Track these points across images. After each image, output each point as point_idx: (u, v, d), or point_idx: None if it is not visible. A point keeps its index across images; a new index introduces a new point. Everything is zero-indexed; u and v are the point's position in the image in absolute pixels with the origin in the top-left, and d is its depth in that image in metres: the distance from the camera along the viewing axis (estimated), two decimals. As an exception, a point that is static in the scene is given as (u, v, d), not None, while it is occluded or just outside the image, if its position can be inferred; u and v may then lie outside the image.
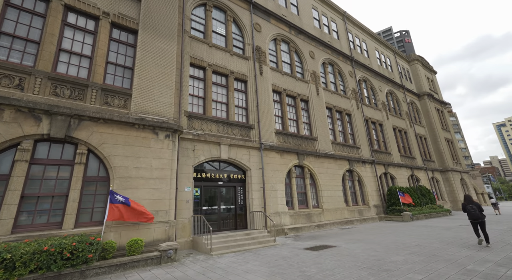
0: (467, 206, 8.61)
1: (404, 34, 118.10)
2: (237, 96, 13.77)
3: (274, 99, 15.69)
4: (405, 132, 27.24)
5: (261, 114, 14.09)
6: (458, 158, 33.30)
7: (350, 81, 22.25)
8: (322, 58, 20.32)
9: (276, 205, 12.89)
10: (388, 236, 10.96)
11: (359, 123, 21.03)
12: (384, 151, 22.44)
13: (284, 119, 15.59)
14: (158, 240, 7.71)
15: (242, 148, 12.48)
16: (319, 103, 18.20)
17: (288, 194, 14.20)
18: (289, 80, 16.85)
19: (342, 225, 15.50)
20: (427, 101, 32.40)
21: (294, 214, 13.53)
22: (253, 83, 14.41)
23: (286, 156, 14.45)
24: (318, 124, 17.37)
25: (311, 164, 15.60)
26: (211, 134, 11.59)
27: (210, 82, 12.58)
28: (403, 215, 17.78)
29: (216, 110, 12.61)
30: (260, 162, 12.96)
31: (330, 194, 15.93)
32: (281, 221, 12.77)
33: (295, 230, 12.97)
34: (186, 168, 10.26)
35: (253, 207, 11.95)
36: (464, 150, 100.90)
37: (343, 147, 18.67)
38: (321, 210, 15.06)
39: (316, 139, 16.75)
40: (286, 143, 14.89)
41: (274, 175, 13.42)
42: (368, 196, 18.66)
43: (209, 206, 11.00)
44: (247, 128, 13.22)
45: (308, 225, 13.69)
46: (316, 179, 15.69)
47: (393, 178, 22.36)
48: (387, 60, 30.24)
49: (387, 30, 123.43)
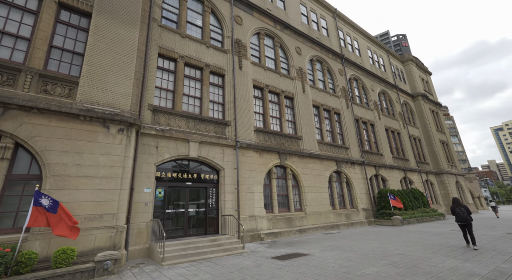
0: (456, 208, 8.79)
1: (401, 38, 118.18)
2: (212, 91, 12.86)
3: (255, 95, 14.79)
4: (398, 133, 26.38)
5: (239, 110, 13.17)
6: (454, 160, 32.47)
7: (340, 79, 21.41)
8: (309, 55, 19.49)
9: (252, 208, 11.91)
10: (371, 243, 9.99)
11: (348, 122, 20.16)
12: (375, 152, 21.54)
13: (265, 117, 14.67)
14: (100, 249, 6.71)
15: (215, 146, 11.53)
16: (305, 101, 17.32)
17: (267, 197, 13.23)
18: (272, 76, 15.97)
19: (327, 229, 14.52)
20: (421, 102, 31.62)
21: (273, 218, 12.55)
22: (231, 78, 13.52)
23: (266, 155, 13.50)
24: (303, 123, 16.47)
25: (294, 164, 14.66)
26: (179, 130, 10.64)
27: (182, 75, 11.67)
28: (393, 219, 16.82)
29: (188, 104, 11.68)
30: (235, 161, 12.00)
31: (314, 197, 14.97)
32: (258, 226, 11.78)
33: (273, 235, 11.98)
34: (147, 166, 9.29)
35: (225, 210, 10.97)
36: (462, 154, 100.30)
37: (331, 147, 17.76)
38: (304, 213, 14.09)
39: (300, 138, 15.83)
40: (267, 141, 13.96)
41: (252, 176, 12.46)
42: (357, 199, 17.70)
43: (175, 209, 10.01)
44: (222, 125, 12.29)
45: (289, 230, 12.71)
46: (300, 181, 14.73)
47: (384, 180, 21.44)
48: (380, 60, 29.51)
49: (384, 34, 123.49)
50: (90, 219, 6.78)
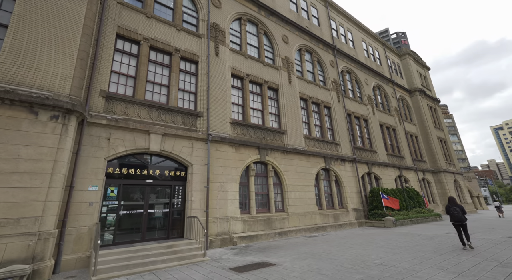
0: (451, 208, 8.69)
1: (401, 36, 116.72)
2: (183, 79, 11.60)
3: (234, 85, 13.53)
4: (394, 129, 25.14)
5: (213, 100, 11.92)
6: (452, 158, 31.26)
7: (331, 71, 20.14)
8: (298, 44, 18.20)
9: (224, 209, 10.68)
10: (353, 248, 8.77)
11: (339, 117, 18.91)
12: (368, 149, 20.30)
13: (245, 108, 13.42)
14: (11, 261, 5.47)
15: (182, 139, 10.28)
16: (291, 93, 16.05)
17: (244, 196, 12.01)
18: (254, 65, 14.70)
19: (311, 232, 13.31)
20: (419, 97, 30.36)
21: (249, 220, 11.33)
22: (206, 65, 12.25)
23: (244, 150, 12.26)
24: (288, 116, 15.21)
25: (276, 160, 13.42)
26: (139, 120, 9.38)
27: (146, 59, 10.40)
28: (385, 220, 15.61)
29: (153, 93, 10.42)
30: (206, 156, 10.76)
31: (298, 196, 13.75)
32: (230, 228, 10.56)
33: (248, 239, 10.76)
34: (95, 161, 8.04)
35: (191, 211, 9.74)
36: (461, 153, 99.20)
37: (319, 142, 16.52)
38: (286, 214, 12.87)
39: (285, 133, 14.58)
40: (245, 135, 12.72)
41: (225, 173, 11.22)
42: (347, 199, 16.49)
43: (130, 210, 8.77)
44: (192, 116, 11.04)
45: (267, 233, 11.49)
46: (282, 178, 13.50)
47: (378, 178, 20.21)
48: (376, 53, 28.21)
49: (384, 32, 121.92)
50: (0, 225, 5.53)
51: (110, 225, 8.16)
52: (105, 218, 8.14)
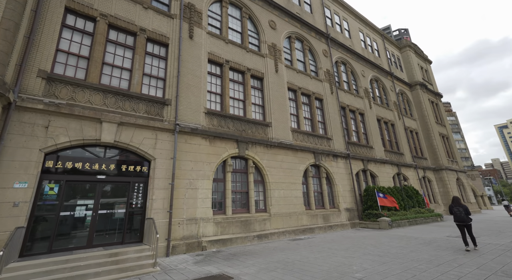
0: (454, 208, 8.39)
1: (403, 32, 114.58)
2: (150, 62, 10.32)
3: (211, 71, 12.23)
4: (392, 124, 23.72)
5: (185, 87, 10.64)
6: (455, 155, 29.76)
7: (324, 61, 18.77)
8: (287, 31, 16.85)
9: (193, 209, 9.41)
10: (336, 256, 7.46)
11: (332, 110, 17.55)
12: (364, 145, 18.93)
13: (224, 98, 12.12)
14: None
15: (143, 130, 9.01)
16: (278, 82, 14.72)
17: (220, 194, 10.73)
18: (236, 51, 13.38)
19: (296, 234, 12.00)
20: (420, 91, 28.87)
21: (223, 221, 10.05)
22: (177, 48, 10.96)
23: (220, 143, 10.98)
24: (274, 107, 13.89)
25: (257, 155, 12.12)
26: (89, 107, 8.12)
27: (103, 39, 9.13)
28: (380, 221, 14.27)
29: (111, 76, 9.15)
30: (172, 149, 9.49)
31: (283, 195, 12.44)
32: (199, 231, 9.28)
33: (220, 243, 9.48)
34: (24, 153, 6.78)
35: (151, 211, 8.47)
36: (464, 151, 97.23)
37: (309, 137, 15.19)
38: (268, 215, 11.57)
39: (269, 125, 13.27)
40: (222, 127, 11.43)
41: (196, 168, 9.94)
42: (339, 198, 15.15)
43: (75, 210, 7.52)
44: (159, 104, 9.76)
45: (244, 236, 10.20)
46: (265, 175, 12.20)
47: (374, 176, 18.84)
48: (374, 44, 26.75)
49: (386, 28, 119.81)
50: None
51: (47, 229, 6.91)
52: (40, 221, 6.89)
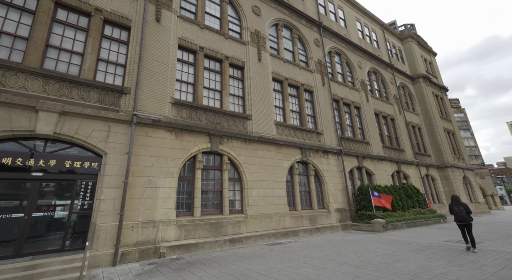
0: (454, 207, 8.26)
1: (409, 28, 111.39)
2: (107, 47, 9.27)
3: (182, 58, 11.13)
4: (392, 119, 22.25)
5: (148, 75, 9.56)
6: (461, 152, 28.02)
7: (315, 51, 17.49)
8: (273, 18, 15.64)
9: (152, 210, 8.32)
10: (307, 266, 6.26)
11: (324, 103, 16.27)
12: (359, 140, 17.59)
13: (196, 87, 11.01)
14: None
15: (93, 120, 7.96)
16: (261, 72, 13.54)
17: (188, 194, 9.63)
18: (213, 37, 12.25)
19: (277, 238, 10.82)
20: (423, 84, 27.23)
21: (189, 224, 8.93)
22: (140, 31, 9.89)
23: (188, 137, 9.87)
24: (256, 99, 12.73)
25: (234, 150, 10.98)
26: (24, 93, 7.10)
27: (47, 18, 8.11)
28: (373, 223, 12.96)
29: (57, 60, 8.13)
30: (128, 143, 8.42)
31: (263, 194, 11.27)
32: (158, 235, 8.19)
33: (184, 248, 8.37)
34: None
35: (98, 213, 7.41)
36: (474, 149, 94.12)
37: (296, 131, 13.96)
38: (244, 216, 10.42)
39: (249, 118, 12.11)
40: (193, 119, 10.32)
41: (158, 164, 8.86)
42: (329, 197, 13.89)
43: (2, 213, 6.51)
44: (115, 93, 8.71)
45: (213, 240, 9.07)
46: (242, 173, 11.05)
47: (370, 174, 17.49)
48: (373, 35, 25.27)
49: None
50: None
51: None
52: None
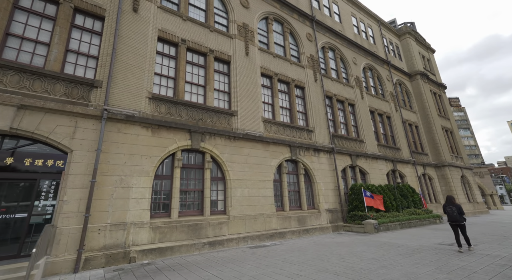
0: (447, 207, 8.27)
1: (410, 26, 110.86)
2: (78, 37, 8.70)
3: (163, 51, 10.55)
4: (388, 116, 21.68)
5: (123, 68, 8.99)
6: (459, 151, 27.45)
7: (307, 46, 16.91)
8: (263, 11, 15.05)
9: (123, 212, 7.76)
10: (280, 273, 5.70)
11: (315, 99, 15.70)
12: (353, 138, 17.03)
13: (177, 82, 10.44)
14: None
15: (57, 115, 7.40)
16: (248, 67, 12.97)
17: (165, 194, 9.07)
18: (196, 29, 11.68)
19: (262, 240, 10.26)
20: (420, 81, 26.64)
21: (164, 226, 8.38)
22: (115, 21, 9.32)
23: (167, 134, 9.31)
24: (242, 94, 12.16)
25: (217, 148, 10.41)
26: (-22, 85, 6.55)
27: (8, 4, 7.54)
28: (365, 224, 12.40)
29: (19, 50, 7.56)
30: (98, 139, 7.85)
31: (247, 194, 10.72)
32: (129, 239, 7.63)
33: (157, 252, 7.82)
34: None
35: (60, 216, 6.85)
36: (474, 148, 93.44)
37: (286, 128, 13.40)
38: (227, 217, 9.86)
39: (234, 114, 11.55)
40: (172, 115, 9.76)
41: (131, 162, 8.30)
42: (319, 197, 13.33)
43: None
44: (85, 86, 8.14)
45: (191, 243, 8.52)
46: (225, 172, 10.49)
47: (364, 173, 16.93)
48: (369, 30, 24.66)
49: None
50: None
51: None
52: None
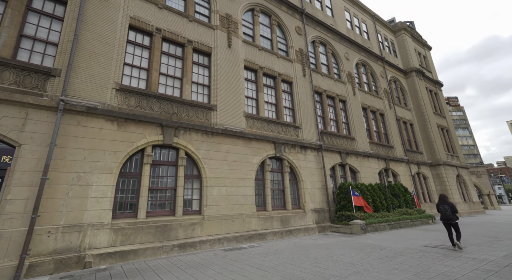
0: (440, 206, 8.26)
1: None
2: (34, 22, 8.02)
3: (135, 41, 9.88)
4: (382, 114, 21.04)
5: (86, 56, 8.32)
6: (456, 150, 26.85)
7: (296, 39, 16.25)
8: (248, 2, 14.38)
9: (79, 212, 7.09)
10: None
11: (304, 94, 15.06)
12: (344, 136, 16.39)
13: (150, 73, 9.77)
14: None
15: (3, 106, 6.72)
16: (231, 59, 12.31)
17: (133, 192, 8.41)
18: (174, 19, 11.01)
19: (240, 241, 9.61)
20: (416, 78, 26.01)
21: (128, 227, 7.71)
22: (78, 6, 8.63)
23: (135, 128, 8.64)
24: (223, 88, 11.51)
25: (192, 144, 9.75)
26: None
27: (-47, -14, 6.88)
28: (352, 224, 11.77)
29: (-35, 36, 6.90)
30: (52, 132, 7.18)
31: (225, 193, 10.06)
32: (85, 242, 6.96)
33: (118, 256, 7.16)
34: None
35: (1, 217, 6.17)
36: (473, 148, 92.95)
37: (271, 124, 12.75)
38: (201, 218, 9.21)
39: (213, 109, 10.89)
40: (143, 108, 9.09)
41: (92, 158, 7.63)
42: (305, 196, 12.69)
43: None
44: (40, 75, 7.47)
45: (158, 246, 7.86)
46: (202, 169, 9.84)
47: (355, 171, 16.30)
48: (363, 26, 24.01)
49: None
50: None
51: None
52: None
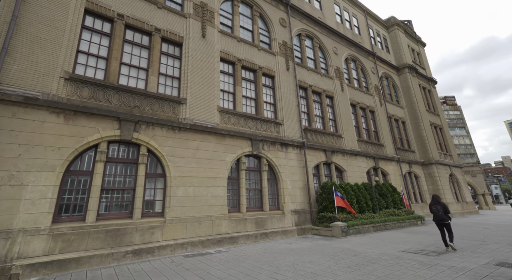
0: (432, 206, 8.24)
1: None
2: (-30, 3, 7.17)
3: (93, 27, 9.03)
4: (372, 111, 20.29)
5: (28, 41, 7.47)
6: (449, 148, 26.17)
7: (280, 32, 15.45)
8: (227, -9, 13.57)
9: (9, 216, 6.25)
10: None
11: (286, 89, 14.26)
12: (330, 133, 15.62)
13: (110, 63, 8.93)
14: None
15: None
16: (204, 50, 11.49)
17: (83, 193, 7.58)
18: (139, 5, 10.17)
19: (206, 246, 8.80)
20: (408, 75, 25.28)
21: (71, 232, 6.88)
22: (23, -13, 7.79)
23: (86, 121, 7.81)
24: (195, 80, 10.69)
25: (155, 140, 8.93)
26: None
27: None
28: (332, 227, 10.99)
29: None
30: (-19, 126, 6.35)
31: (192, 193, 9.25)
32: (13, 250, 6.12)
33: (56, 266, 6.33)
34: None
35: None
36: (470, 147, 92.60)
37: (248, 120, 11.96)
38: (162, 220, 8.39)
39: (182, 102, 10.08)
40: (98, 100, 8.25)
41: (30, 155, 6.79)
42: (285, 197, 11.90)
43: None
44: (-29, 61, 6.63)
45: (108, 253, 7.03)
46: (166, 167, 9.02)
47: (341, 170, 15.53)
48: (353, 20, 23.25)
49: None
50: None
51: None
52: None
